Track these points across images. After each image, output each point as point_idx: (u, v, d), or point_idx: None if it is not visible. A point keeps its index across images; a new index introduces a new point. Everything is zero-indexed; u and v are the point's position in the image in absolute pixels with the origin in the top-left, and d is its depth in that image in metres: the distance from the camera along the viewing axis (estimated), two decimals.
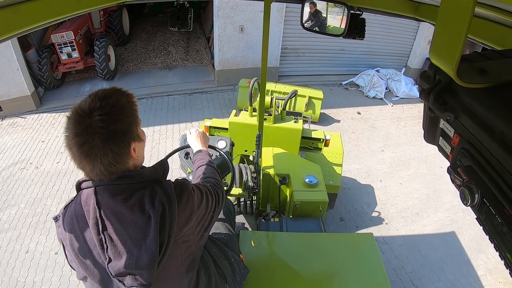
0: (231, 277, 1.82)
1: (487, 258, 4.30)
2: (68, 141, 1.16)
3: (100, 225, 1.19)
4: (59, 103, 7.03)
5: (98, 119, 1.12)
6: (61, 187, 4.91)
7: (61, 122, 6.34)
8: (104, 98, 1.17)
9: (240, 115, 3.90)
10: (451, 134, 0.92)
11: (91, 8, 1.52)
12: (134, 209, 1.20)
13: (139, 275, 1.19)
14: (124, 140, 1.20)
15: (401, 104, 7.80)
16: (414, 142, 6.41)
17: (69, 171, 5.16)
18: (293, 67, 8.39)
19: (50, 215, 4.41)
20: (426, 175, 5.57)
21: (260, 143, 3.01)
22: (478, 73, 0.79)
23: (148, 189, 1.25)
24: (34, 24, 1.18)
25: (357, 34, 2.10)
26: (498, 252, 0.79)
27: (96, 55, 7.29)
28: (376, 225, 4.51)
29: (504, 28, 1.14)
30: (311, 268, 2.33)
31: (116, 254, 1.19)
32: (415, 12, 1.74)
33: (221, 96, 7.54)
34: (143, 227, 1.19)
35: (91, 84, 7.65)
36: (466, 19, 0.62)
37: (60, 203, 4.62)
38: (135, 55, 8.99)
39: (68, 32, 6.99)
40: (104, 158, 1.15)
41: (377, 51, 8.59)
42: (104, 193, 1.22)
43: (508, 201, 0.70)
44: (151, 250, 1.18)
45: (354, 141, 6.26)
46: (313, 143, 4.10)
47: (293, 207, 2.90)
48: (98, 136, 1.12)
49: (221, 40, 7.40)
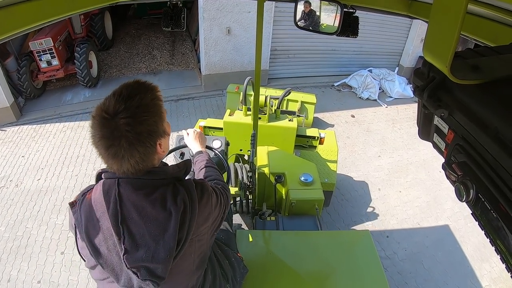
0: (232, 276, 1.83)
1: (491, 267, 4.20)
2: (95, 141, 1.16)
3: (119, 216, 1.20)
4: (40, 113, 6.68)
5: (124, 122, 1.13)
6: (42, 207, 4.61)
7: (42, 135, 6.03)
8: (128, 98, 1.16)
9: (234, 114, 3.90)
10: (445, 130, 0.92)
11: (85, 9, 1.50)
12: (156, 204, 1.22)
13: (154, 268, 1.21)
14: (150, 141, 1.21)
15: (395, 105, 7.63)
16: (411, 145, 6.23)
17: (50, 189, 4.86)
18: (284, 69, 8.12)
19: (31, 239, 4.15)
20: (425, 181, 5.40)
21: (255, 142, 3.01)
22: (472, 70, 0.80)
23: (171, 186, 1.27)
24: (25, 26, 1.15)
25: (350, 32, 2.09)
26: (494, 247, 0.79)
27: (76, 62, 6.94)
28: (376, 239, 4.28)
29: (496, 25, 1.15)
30: (308, 266, 2.33)
31: (133, 246, 1.20)
32: (408, 9, 1.75)
33: (208, 102, 7.25)
34: (163, 223, 1.22)
35: (73, 93, 7.31)
36: (459, 16, 0.63)
37: (41, 225, 4.33)
38: (119, 60, 8.62)
39: (47, 39, 6.61)
40: (131, 159, 1.17)
41: (369, 51, 8.38)
42: (127, 186, 1.23)
43: (502, 196, 0.71)
44: (169, 246, 1.21)
45: (349, 147, 6.04)
46: (308, 141, 4.10)
47: (289, 205, 2.90)
48: (125, 139, 1.14)
49: (207, 43, 7.08)
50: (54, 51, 6.77)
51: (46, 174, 5.15)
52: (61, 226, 4.30)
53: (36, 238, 4.16)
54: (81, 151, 5.59)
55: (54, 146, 5.73)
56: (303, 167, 3.23)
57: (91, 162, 5.34)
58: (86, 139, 5.85)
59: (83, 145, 5.73)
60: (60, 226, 4.30)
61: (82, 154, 5.51)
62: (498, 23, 1.14)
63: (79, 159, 5.41)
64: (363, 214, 4.70)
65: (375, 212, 4.74)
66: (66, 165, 5.30)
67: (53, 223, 4.35)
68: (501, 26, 1.13)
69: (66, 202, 4.62)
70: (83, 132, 6.06)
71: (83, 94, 7.25)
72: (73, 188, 4.86)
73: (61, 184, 4.95)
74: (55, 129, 6.18)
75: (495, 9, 0.99)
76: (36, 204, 4.67)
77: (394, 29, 8.23)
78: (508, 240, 0.72)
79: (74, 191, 4.81)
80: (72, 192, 4.78)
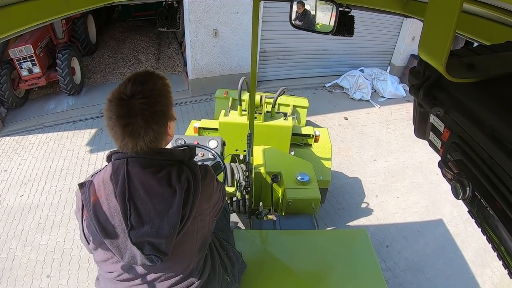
0: (231, 270, 1.87)
1: (492, 272, 4.15)
2: (111, 122, 1.24)
3: (127, 193, 1.26)
4: (23, 124, 6.36)
5: (141, 101, 1.23)
6: (25, 226, 4.37)
7: (24, 147, 5.76)
8: (144, 82, 1.27)
9: (229, 114, 3.91)
10: (441, 128, 0.92)
11: (79, 10, 1.52)
12: (162, 182, 1.28)
13: (157, 244, 1.27)
14: (163, 120, 1.31)
15: (388, 105, 7.51)
16: (406, 147, 6.12)
17: (33, 206, 4.62)
18: (273, 71, 7.92)
19: (15, 261, 3.93)
20: (423, 185, 5.29)
21: (251, 142, 3.00)
22: (467, 68, 0.79)
23: (176, 166, 1.34)
24: (19, 28, 1.16)
25: (346, 31, 2.11)
26: (491, 244, 0.79)
27: (58, 69, 6.62)
28: (376, 249, 4.15)
29: (491, 23, 1.16)
30: (305, 265, 2.33)
31: (138, 222, 1.26)
32: (404, 8, 1.76)
33: (196, 107, 7.00)
34: (168, 199, 1.27)
35: (56, 101, 7.00)
36: (454, 15, 0.63)
37: (25, 246, 4.11)
38: (103, 65, 8.31)
39: (27, 46, 6.29)
40: (146, 137, 1.26)
41: (360, 50, 8.23)
42: (135, 164, 1.30)
43: (498, 194, 0.70)
44: (173, 222, 1.26)
45: (344, 152, 5.89)
46: (303, 139, 4.21)
47: (286, 204, 2.91)
48: (141, 117, 1.23)
49: (193, 46, 6.79)
50: (35, 58, 6.45)
51: (29, 190, 4.91)
52: (46, 246, 4.08)
53: (21, 260, 3.95)
54: (65, 163, 5.35)
55: (37, 159, 5.47)
56: (299, 166, 3.23)
57: (76, 176, 5.11)
58: (70, 151, 5.62)
59: (67, 157, 5.48)
60: (45, 246, 4.08)
61: (66, 167, 5.27)
62: (493, 21, 1.16)
63: (63, 173, 5.16)
64: (361, 222, 4.56)
65: (373, 220, 4.61)
66: (50, 180, 5.05)
67: (37, 243, 4.13)
68: (496, 25, 1.15)
69: (50, 220, 4.41)
70: (67, 143, 5.80)
71: (66, 102, 6.95)
72: (57, 204, 4.63)
73: (45, 200, 4.71)
74: (38, 140, 5.91)
75: (490, 7, 1.00)
76: (20, 223, 4.43)
77: (385, 28, 8.09)
78: (505, 237, 0.72)
79: (58, 207, 4.58)
80: (56, 209, 4.55)
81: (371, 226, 4.51)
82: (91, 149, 5.68)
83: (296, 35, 7.19)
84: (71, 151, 5.62)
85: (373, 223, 4.56)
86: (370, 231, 4.43)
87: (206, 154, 2.63)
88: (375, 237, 4.34)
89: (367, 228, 4.47)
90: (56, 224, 4.37)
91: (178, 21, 2.22)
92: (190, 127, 4.21)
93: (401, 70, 8.43)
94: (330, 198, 4.80)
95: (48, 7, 1.28)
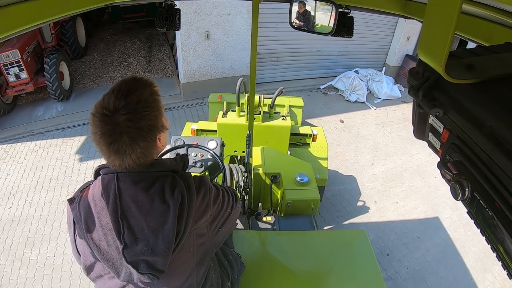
0: (231, 274, 1.84)
1: (494, 277, 4.11)
2: (96, 137, 1.17)
3: (119, 211, 1.21)
4: (11, 131, 6.18)
5: (125, 118, 1.14)
6: (14, 240, 4.22)
7: (12, 156, 5.59)
8: (128, 94, 1.17)
9: (228, 115, 3.90)
10: (441, 129, 0.92)
11: (79, 10, 1.48)
12: (155, 197, 1.22)
13: (153, 262, 1.22)
14: (151, 135, 1.22)
15: (384, 107, 7.43)
16: (404, 150, 6.04)
17: (22, 219, 4.46)
18: (267, 74, 7.79)
19: (5, 278, 3.79)
20: (422, 189, 5.22)
21: (250, 143, 2.97)
22: (466, 69, 0.79)
23: (169, 178, 1.27)
24: (19, 28, 1.13)
25: (345, 32, 2.10)
26: (490, 245, 0.78)
27: (46, 74, 6.44)
28: (377, 258, 4.04)
29: (490, 24, 1.16)
30: (305, 266, 2.32)
31: (132, 240, 1.21)
32: (403, 9, 1.75)
33: (188, 112, 6.84)
34: (162, 216, 1.22)
35: (45, 107, 6.82)
36: (454, 16, 0.63)
37: (14, 261, 3.96)
38: (93, 69, 8.13)
39: (14, 51, 6.10)
40: (133, 154, 1.18)
41: (355, 51, 8.15)
42: (125, 179, 1.23)
43: (498, 194, 0.70)
44: (168, 239, 1.21)
45: (341, 156, 5.80)
46: (301, 139, 4.22)
47: (285, 205, 2.89)
48: (126, 135, 1.15)
49: (185, 49, 6.62)
50: (22, 63, 6.27)
51: (18, 201, 4.75)
52: (35, 262, 3.93)
53: (11, 276, 3.81)
54: (54, 173, 5.18)
55: (26, 168, 5.31)
56: (298, 167, 3.21)
57: (65, 186, 4.95)
58: (59, 159, 5.46)
59: (56, 166, 5.32)
60: (35, 262, 3.93)
61: (55, 177, 5.10)
62: (493, 22, 1.15)
63: (52, 183, 5.00)
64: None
65: (373, 228, 4.53)
66: (39, 190, 4.89)
67: (27, 259, 3.98)
68: (496, 26, 1.14)
69: (39, 234, 4.26)
70: (56, 151, 5.63)
71: (55, 108, 6.77)
72: (47, 217, 4.48)
73: (33, 212, 4.55)
74: (26, 148, 5.74)
75: (490, 8, 1.00)
76: (8, 236, 4.28)
77: (379, 28, 8.01)
78: (504, 237, 0.71)
79: (47, 220, 4.43)
80: (45, 222, 4.40)
81: (371, 233, 4.42)
82: (81, 157, 5.52)
83: (289, 36, 7.08)
84: (60, 159, 5.46)
85: (373, 230, 4.48)
86: (371, 239, 4.32)
87: (206, 154, 2.61)
88: (376, 245, 4.25)
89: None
90: (45, 237, 4.21)
91: (177, 21, 2.21)
92: (186, 129, 4.16)
93: (396, 71, 8.37)
94: (328, 205, 4.71)
95: (48, 7, 1.25)
